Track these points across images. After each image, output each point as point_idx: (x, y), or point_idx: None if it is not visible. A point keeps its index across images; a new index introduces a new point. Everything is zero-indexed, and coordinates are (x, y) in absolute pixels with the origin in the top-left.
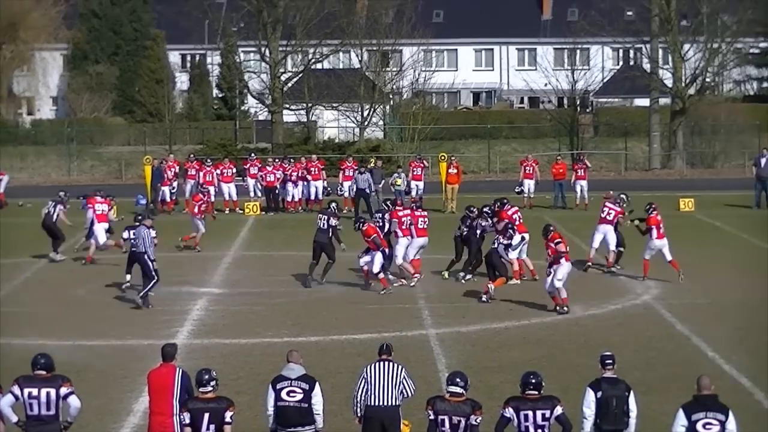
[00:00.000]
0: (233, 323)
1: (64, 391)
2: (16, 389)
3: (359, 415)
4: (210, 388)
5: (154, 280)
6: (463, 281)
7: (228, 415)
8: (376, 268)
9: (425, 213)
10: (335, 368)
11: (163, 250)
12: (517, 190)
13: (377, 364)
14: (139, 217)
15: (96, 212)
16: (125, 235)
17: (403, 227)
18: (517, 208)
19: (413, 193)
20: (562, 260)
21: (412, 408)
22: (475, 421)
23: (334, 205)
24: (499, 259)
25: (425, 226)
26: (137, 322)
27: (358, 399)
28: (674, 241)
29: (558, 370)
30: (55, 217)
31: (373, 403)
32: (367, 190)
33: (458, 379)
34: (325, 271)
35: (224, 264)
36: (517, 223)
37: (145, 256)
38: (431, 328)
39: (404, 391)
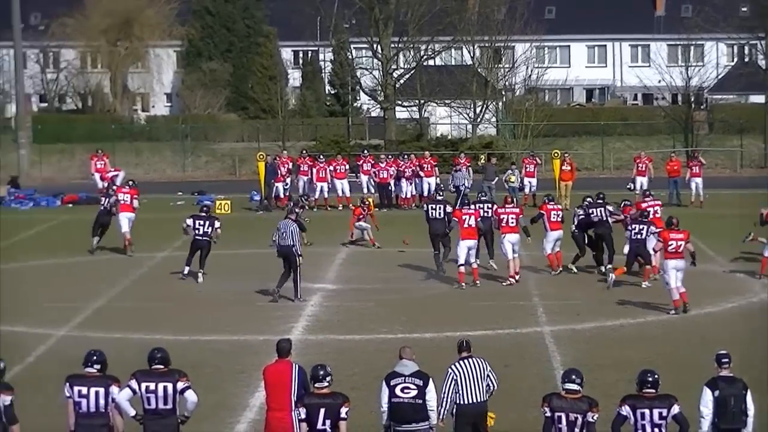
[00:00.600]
0: (347, 319)
1: (181, 385)
2: (134, 383)
3: (449, 415)
4: (326, 384)
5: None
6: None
7: (343, 410)
8: (460, 260)
9: (558, 206)
10: (444, 365)
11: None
12: (629, 187)
13: (463, 362)
14: (205, 209)
15: (120, 201)
16: (188, 222)
17: (502, 224)
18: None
19: (526, 190)
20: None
21: (528, 404)
22: (592, 418)
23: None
24: (645, 249)
25: (558, 219)
26: (252, 318)
27: (448, 399)
28: None
29: (674, 368)
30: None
31: (464, 402)
32: (462, 188)
33: (574, 376)
34: (444, 259)
35: (338, 260)
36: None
37: (294, 249)
38: (546, 325)
39: (490, 385)
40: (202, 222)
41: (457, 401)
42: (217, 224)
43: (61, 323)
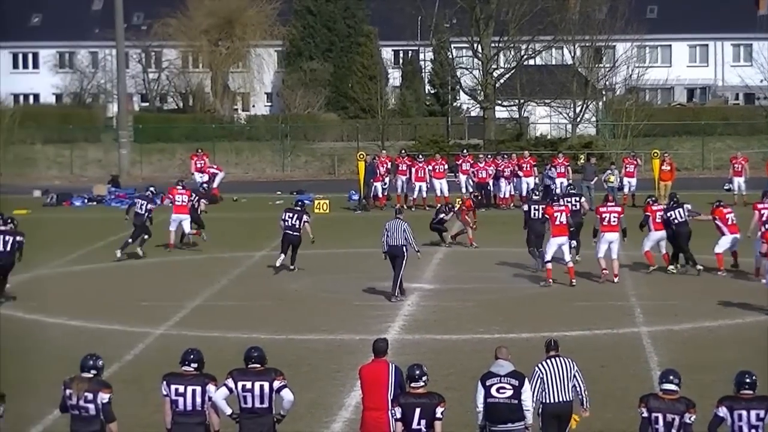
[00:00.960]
0: (444, 319)
1: (277, 384)
2: (231, 382)
3: (536, 414)
4: (422, 383)
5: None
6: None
7: (439, 410)
8: (548, 256)
9: (661, 206)
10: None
11: (374, 246)
12: (726, 188)
13: (550, 360)
14: (300, 203)
15: (175, 203)
16: (284, 216)
17: (603, 223)
18: (731, 209)
19: (626, 190)
20: None
21: (624, 405)
22: (690, 419)
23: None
24: None
25: (660, 220)
26: (349, 317)
27: (534, 397)
28: None
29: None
30: (145, 215)
31: (550, 401)
32: (552, 187)
33: (672, 377)
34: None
35: (435, 260)
36: (729, 223)
37: (404, 249)
38: (643, 325)
39: (576, 386)
40: (291, 215)
41: (543, 400)
42: (305, 218)
43: (159, 322)
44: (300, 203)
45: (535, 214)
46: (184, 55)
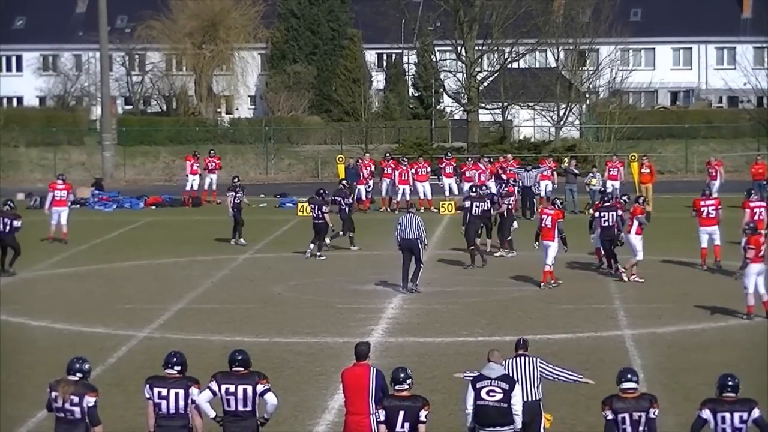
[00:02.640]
0: (428, 322)
1: (260, 388)
2: (214, 385)
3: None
4: (406, 386)
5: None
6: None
7: (423, 413)
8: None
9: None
10: None
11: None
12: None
13: (516, 359)
14: (321, 192)
15: (55, 197)
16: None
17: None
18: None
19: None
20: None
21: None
22: (653, 414)
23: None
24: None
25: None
26: (332, 320)
27: None
28: None
29: (757, 372)
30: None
31: None
32: (533, 189)
33: (630, 375)
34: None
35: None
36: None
37: (419, 242)
38: (627, 328)
39: (553, 377)
40: (314, 206)
41: None
42: (325, 208)
43: (143, 324)
44: (321, 192)
45: (475, 211)
46: (167, 58)
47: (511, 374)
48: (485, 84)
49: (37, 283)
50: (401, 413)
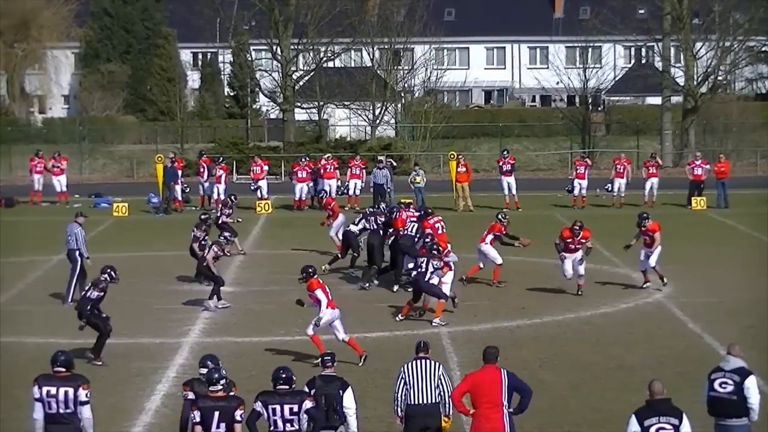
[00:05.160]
0: (244, 322)
1: (82, 395)
2: (36, 389)
3: (400, 414)
4: (219, 387)
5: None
6: None
7: (238, 413)
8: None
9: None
10: (347, 367)
11: (175, 249)
12: (606, 188)
13: (415, 362)
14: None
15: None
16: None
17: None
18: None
19: (575, 192)
20: None
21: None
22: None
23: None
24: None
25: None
26: (149, 321)
27: (399, 398)
28: (687, 240)
29: (569, 368)
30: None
31: (413, 402)
32: (385, 186)
33: (209, 361)
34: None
35: (236, 263)
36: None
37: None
38: (444, 326)
39: (441, 387)
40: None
41: (407, 401)
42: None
43: None
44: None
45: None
46: None
47: (411, 377)
48: (301, 83)
49: None
50: (216, 414)
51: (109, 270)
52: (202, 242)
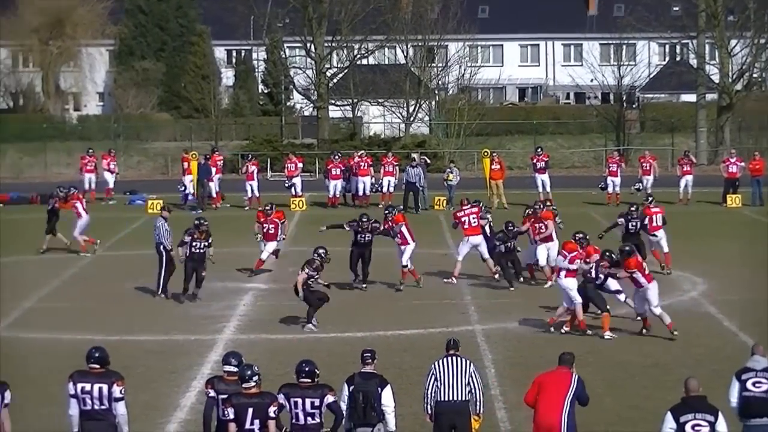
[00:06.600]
0: (279, 318)
1: (116, 391)
2: (71, 385)
3: (430, 411)
4: (253, 384)
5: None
6: None
7: (271, 410)
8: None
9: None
10: (382, 364)
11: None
12: (636, 187)
13: (446, 359)
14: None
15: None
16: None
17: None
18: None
19: (609, 189)
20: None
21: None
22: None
23: None
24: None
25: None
26: (184, 318)
27: (429, 395)
28: (722, 238)
29: (604, 366)
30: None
31: (442, 399)
32: (417, 185)
33: (232, 359)
34: None
35: (271, 259)
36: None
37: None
38: (477, 324)
39: (471, 384)
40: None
41: (437, 398)
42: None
43: None
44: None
45: (360, 238)
46: (14, 54)
47: (442, 374)
48: (335, 80)
49: None
50: (250, 410)
51: (321, 250)
52: (193, 248)
